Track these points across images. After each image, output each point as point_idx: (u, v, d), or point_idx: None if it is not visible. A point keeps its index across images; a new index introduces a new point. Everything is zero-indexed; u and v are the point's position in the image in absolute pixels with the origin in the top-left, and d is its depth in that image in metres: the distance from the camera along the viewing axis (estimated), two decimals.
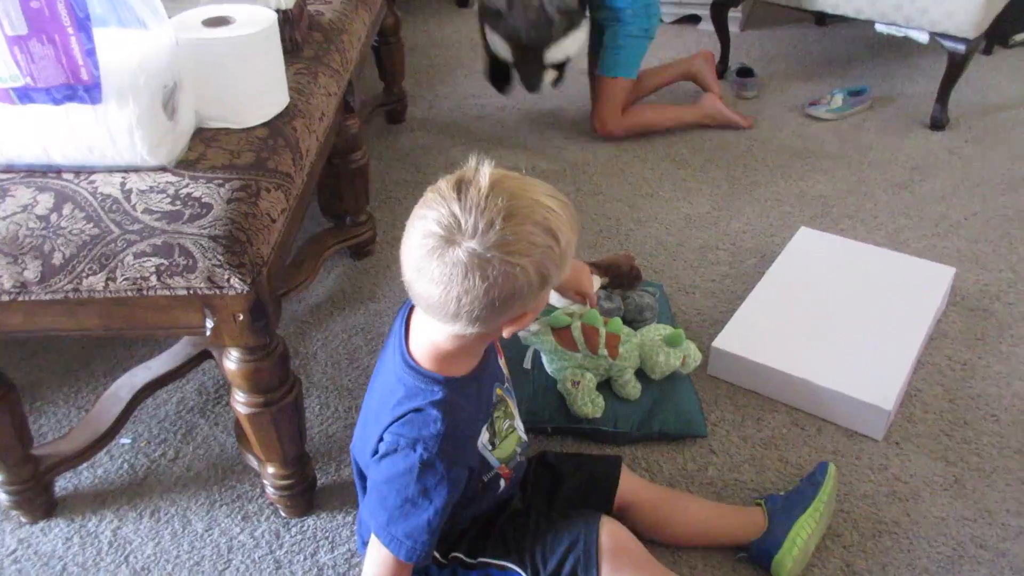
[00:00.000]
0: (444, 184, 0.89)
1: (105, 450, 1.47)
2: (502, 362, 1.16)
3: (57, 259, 1.03)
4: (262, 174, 1.13)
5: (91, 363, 1.67)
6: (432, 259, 0.85)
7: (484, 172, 0.87)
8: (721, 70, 2.80)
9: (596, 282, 1.58)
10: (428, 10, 3.47)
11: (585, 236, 2.03)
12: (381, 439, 0.99)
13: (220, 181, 1.09)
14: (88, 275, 1.03)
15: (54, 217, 1.04)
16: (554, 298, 1.57)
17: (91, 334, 1.14)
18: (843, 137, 2.46)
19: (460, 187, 0.86)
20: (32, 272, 1.03)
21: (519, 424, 1.15)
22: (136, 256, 1.02)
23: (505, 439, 1.10)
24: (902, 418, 1.50)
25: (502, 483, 1.11)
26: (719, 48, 2.82)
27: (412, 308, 1.04)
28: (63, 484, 1.43)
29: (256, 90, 1.21)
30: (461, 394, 1.00)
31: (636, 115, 2.45)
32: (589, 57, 2.44)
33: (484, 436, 1.05)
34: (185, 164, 1.11)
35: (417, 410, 0.97)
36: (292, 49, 1.45)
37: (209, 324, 1.10)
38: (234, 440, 1.48)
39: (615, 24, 2.31)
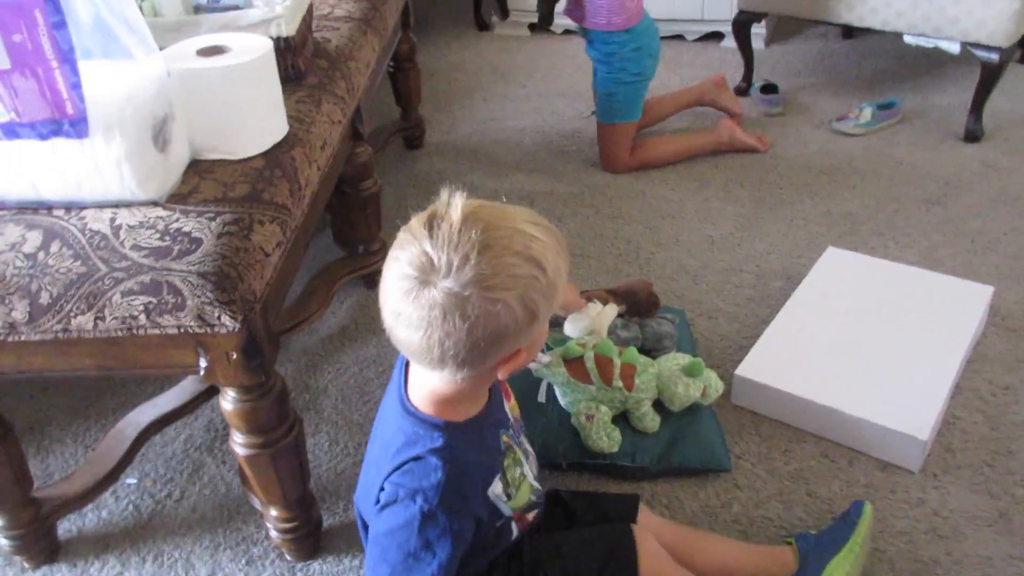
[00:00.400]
0: (415, 222, 0.84)
1: (111, 490, 1.44)
2: (509, 406, 1.10)
3: (44, 299, 0.99)
4: (256, 206, 1.09)
5: (101, 399, 1.65)
6: (408, 302, 0.80)
7: (456, 204, 0.82)
8: (745, 87, 2.74)
9: (612, 310, 1.52)
10: (447, 35, 3.46)
11: (604, 260, 1.97)
12: (382, 488, 0.94)
13: (212, 215, 1.05)
14: (76, 315, 1.00)
15: (41, 255, 1.01)
16: (567, 328, 1.52)
17: (85, 375, 1.10)
18: (872, 152, 2.37)
19: (431, 223, 0.82)
20: (20, 312, 1.00)
21: (530, 471, 1.08)
22: (124, 294, 0.99)
23: (519, 488, 1.04)
24: (940, 448, 1.41)
25: (515, 530, 1.05)
26: (743, 65, 2.75)
27: None
28: (67, 527, 1.39)
29: (252, 120, 1.18)
30: (464, 440, 0.94)
31: (646, 151, 2.36)
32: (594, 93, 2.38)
33: (497, 487, 0.99)
34: (177, 198, 1.08)
35: (416, 458, 0.91)
36: (294, 77, 1.42)
37: (203, 363, 1.06)
38: (240, 479, 1.44)
39: (607, 69, 2.25)
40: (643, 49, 2.22)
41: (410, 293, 0.80)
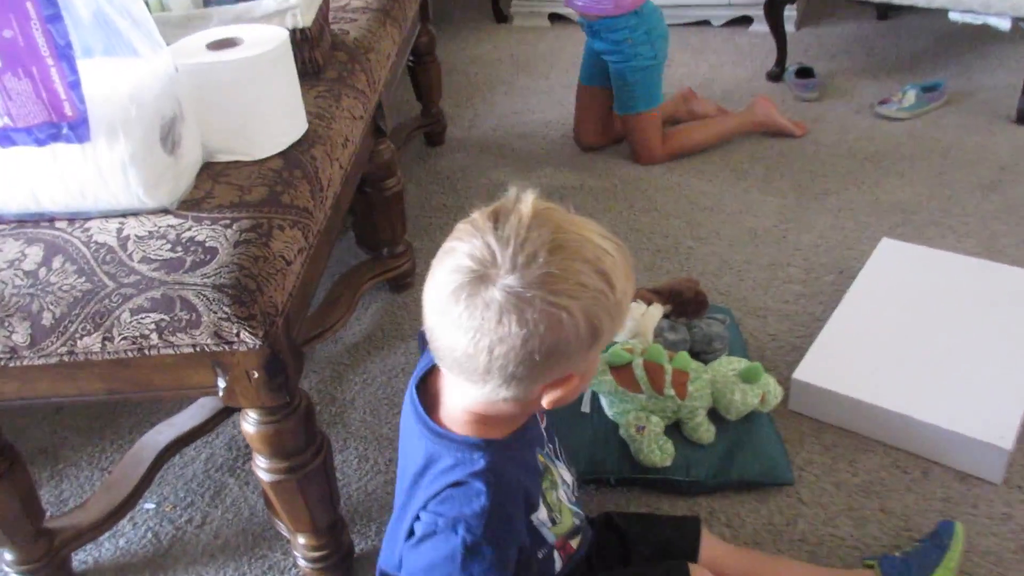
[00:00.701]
0: (478, 215, 0.74)
1: (128, 517, 1.35)
2: (543, 425, 1.01)
3: (47, 319, 0.90)
4: (275, 211, 1.00)
5: (116, 419, 1.57)
6: (460, 299, 0.71)
7: (527, 201, 0.72)
8: (778, 72, 2.62)
9: (657, 311, 1.42)
10: (466, 28, 3.36)
11: (641, 257, 1.87)
12: (417, 517, 0.84)
13: (227, 221, 0.96)
14: (82, 336, 0.91)
15: (43, 272, 0.92)
16: None
17: (95, 399, 1.01)
18: (919, 137, 2.25)
19: (498, 217, 0.72)
20: (21, 335, 0.91)
21: (564, 494, 0.98)
22: (133, 312, 0.90)
23: (562, 511, 0.95)
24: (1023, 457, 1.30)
25: (557, 560, 0.95)
26: (775, 49, 2.63)
27: (429, 373, 0.89)
28: (82, 557, 1.31)
29: (268, 117, 1.08)
30: (507, 459, 0.84)
31: (679, 138, 2.25)
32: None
33: (542, 512, 0.90)
34: (189, 204, 0.99)
35: (456, 484, 0.81)
36: (312, 71, 1.32)
37: (221, 384, 0.97)
38: (264, 501, 1.35)
39: (619, 59, 2.14)
40: (654, 30, 2.11)
41: (463, 289, 0.70)
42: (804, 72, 2.51)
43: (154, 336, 0.91)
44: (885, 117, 2.33)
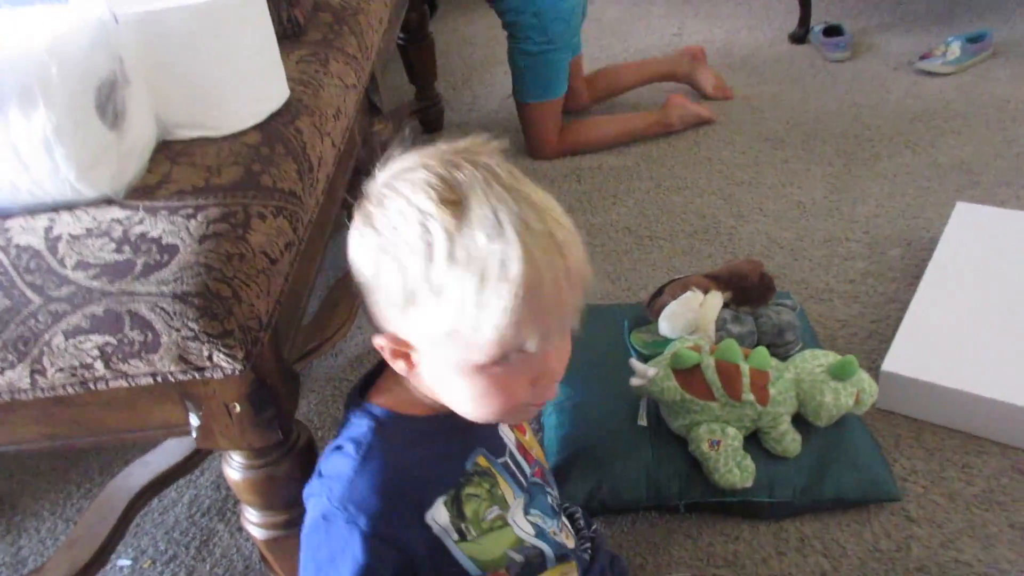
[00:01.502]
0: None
1: None
2: (510, 434, 0.83)
3: None
4: (254, 195, 0.77)
5: (84, 458, 1.34)
6: None
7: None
8: (803, 32, 2.40)
9: (717, 299, 1.19)
10: (455, 7, 3.13)
11: (676, 240, 1.64)
12: None
13: (190, 211, 0.73)
14: (3, 369, 0.68)
15: None
16: (662, 326, 1.19)
17: (35, 448, 0.79)
18: (969, 92, 2.03)
19: None
20: None
21: (525, 523, 0.78)
22: (68, 335, 0.67)
23: (487, 533, 0.74)
24: None
25: None
26: (797, 7, 2.41)
27: None
28: None
29: (239, 79, 0.85)
30: (403, 436, 0.72)
31: (576, 133, 2.01)
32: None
33: (441, 514, 0.71)
34: (140, 192, 0.76)
35: (337, 448, 0.72)
36: (291, 32, 1.10)
37: (194, 422, 0.75)
38: (260, 554, 1.12)
39: (512, 42, 1.93)
40: (545, 13, 1.86)
41: None
42: (832, 30, 2.30)
43: (99, 365, 0.68)
44: (928, 72, 2.12)
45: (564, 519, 0.87)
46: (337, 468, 0.70)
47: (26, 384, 0.69)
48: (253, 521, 0.85)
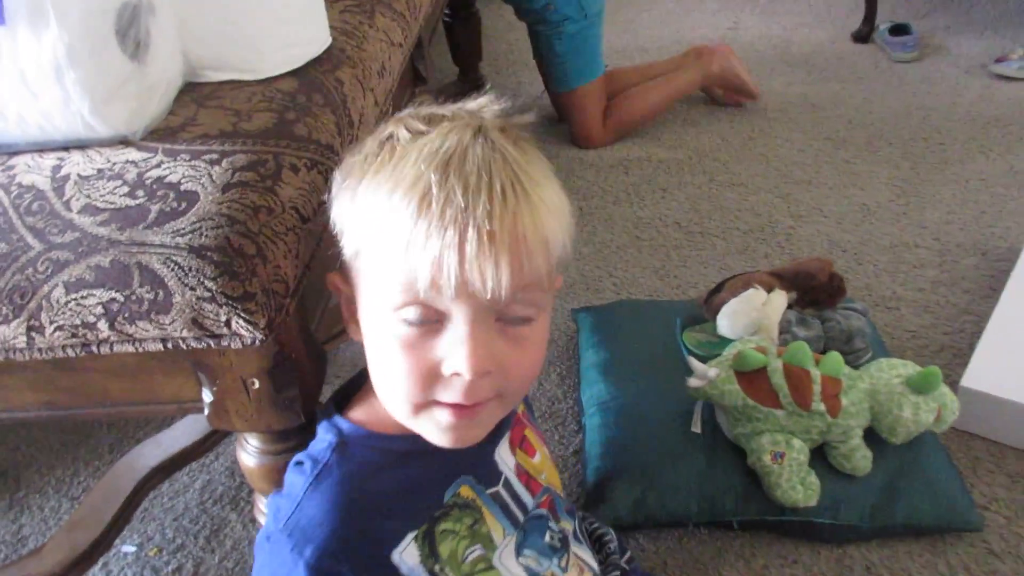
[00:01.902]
0: None
1: (100, 563, 1.04)
2: (510, 457, 0.70)
3: None
4: (286, 144, 0.69)
5: (93, 435, 1.26)
6: None
7: None
8: (867, 31, 2.28)
9: (781, 299, 1.09)
10: None
11: (730, 239, 1.54)
12: None
13: (214, 156, 0.65)
14: None
15: None
16: (722, 325, 1.09)
17: (29, 417, 0.71)
18: None
19: None
20: None
21: (516, 566, 0.68)
22: (70, 287, 0.59)
23: (460, 572, 0.64)
24: None
25: None
26: (862, 5, 2.29)
27: None
28: None
29: (276, 20, 0.77)
30: (371, 455, 0.63)
31: (621, 111, 1.90)
32: (538, 68, 1.95)
33: (411, 552, 0.61)
34: (161, 134, 0.68)
35: (298, 463, 0.63)
36: None
37: (207, 397, 0.66)
38: None
39: (546, 29, 1.82)
40: None
41: None
42: (899, 29, 2.18)
43: (102, 325, 0.60)
44: (1004, 77, 1.99)
45: (578, 550, 0.75)
46: (291, 486, 0.62)
47: (22, 342, 0.61)
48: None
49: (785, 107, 1.99)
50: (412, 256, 0.52)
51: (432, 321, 0.55)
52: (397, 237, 0.52)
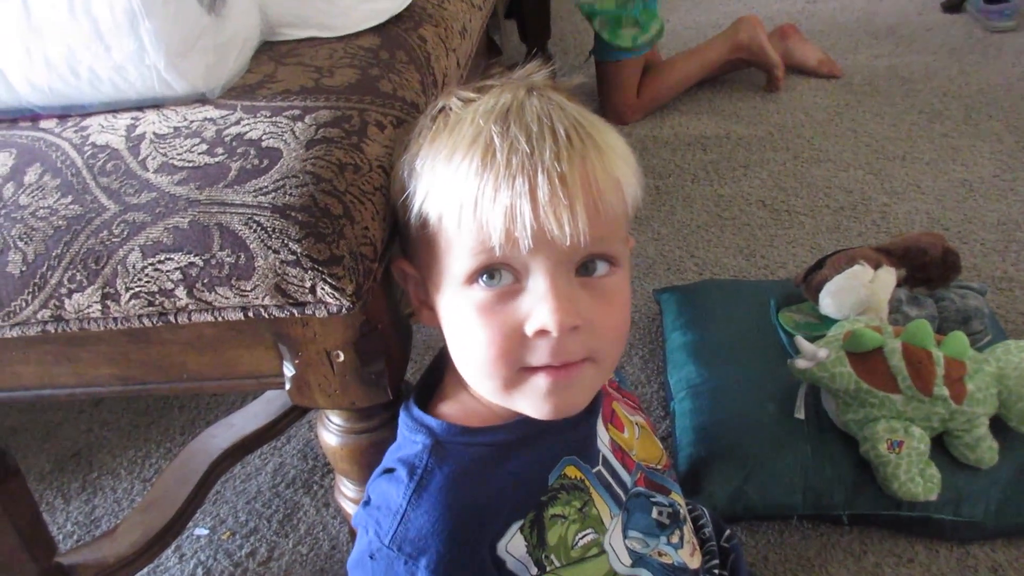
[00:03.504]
0: None
1: (173, 546, 1.02)
2: (604, 433, 0.65)
3: (15, 265, 0.56)
4: (371, 100, 0.64)
5: (168, 413, 1.24)
6: None
7: None
8: (957, 0, 2.15)
9: (890, 276, 1.01)
10: None
11: (820, 217, 1.45)
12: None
13: (296, 112, 0.60)
14: (72, 290, 0.56)
15: (9, 189, 0.58)
16: (824, 304, 1.01)
17: (105, 392, 0.68)
18: None
19: None
20: None
21: (623, 549, 0.62)
22: (147, 251, 0.55)
23: (574, 564, 0.59)
24: None
25: None
26: None
27: None
28: None
29: None
30: (466, 452, 0.58)
31: (654, 84, 1.84)
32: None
33: (517, 544, 0.57)
34: (239, 91, 0.64)
35: (387, 471, 0.59)
36: None
37: (288, 371, 0.62)
38: (349, 532, 1.00)
39: None
40: None
41: None
42: None
43: (180, 292, 0.56)
44: None
45: (688, 528, 0.70)
46: (386, 497, 0.57)
47: (97, 311, 0.57)
48: (349, 496, 0.72)
49: (872, 80, 1.89)
50: (483, 212, 0.50)
51: (510, 282, 0.52)
52: (465, 197, 0.50)
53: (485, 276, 0.52)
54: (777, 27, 1.98)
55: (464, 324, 0.54)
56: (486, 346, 0.52)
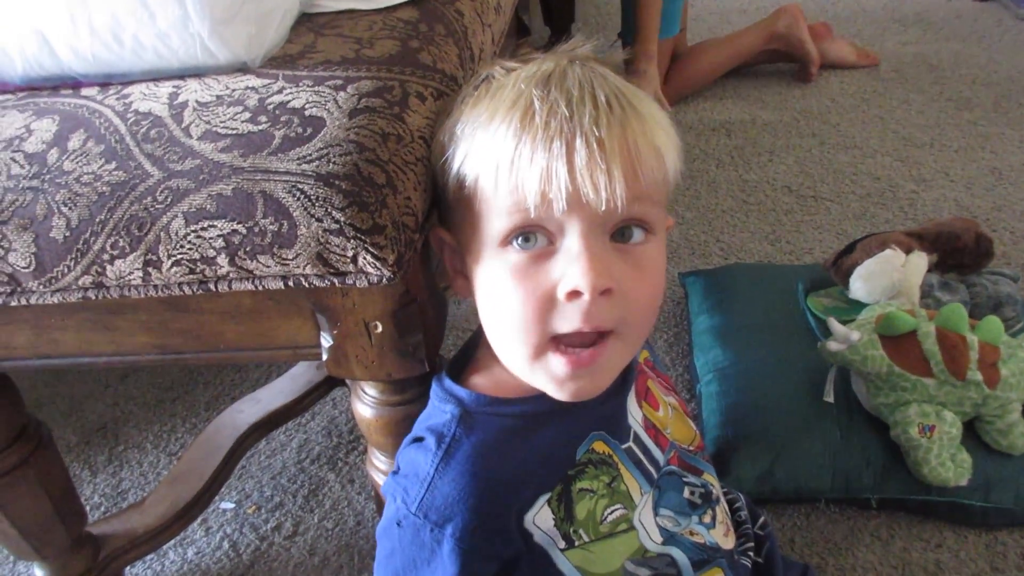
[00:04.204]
0: None
1: (200, 519, 1.03)
2: (637, 410, 0.65)
3: (58, 230, 0.57)
4: (412, 72, 0.64)
5: (193, 389, 1.25)
6: None
7: None
8: None
9: (921, 261, 1.00)
10: None
11: (847, 203, 1.44)
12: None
13: (339, 82, 0.60)
14: (114, 257, 0.57)
15: (53, 155, 0.59)
16: (855, 288, 1.01)
17: (142, 360, 0.68)
18: None
19: None
20: (22, 256, 0.57)
21: (653, 526, 0.62)
22: (190, 219, 0.55)
23: (604, 539, 0.59)
24: None
25: None
26: None
27: None
28: (139, 571, 1.00)
29: None
30: (495, 422, 0.58)
31: (684, 72, 1.82)
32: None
33: (544, 517, 0.57)
34: (280, 60, 0.64)
35: (416, 440, 0.60)
36: None
37: (325, 342, 0.62)
38: (375, 507, 1.01)
39: None
40: None
41: None
42: None
43: (222, 260, 0.56)
44: None
45: (722, 509, 0.70)
46: (414, 465, 0.58)
47: (138, 278, 0.58)
48: (381, 468, 0.72)
49: (900, 67, 1.87)
50: (519, 172, 0.50)
51: (544, 244, 0.52)
52: (501, 157, 0.51)
53: (520, 239, 0.52)
54: (809, 26, 1.96)
55: (498, 287, 0.54)
56: (520, 306, 0.52)
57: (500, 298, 0.54)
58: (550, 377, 0.54)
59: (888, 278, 0.96)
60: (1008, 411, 0.86)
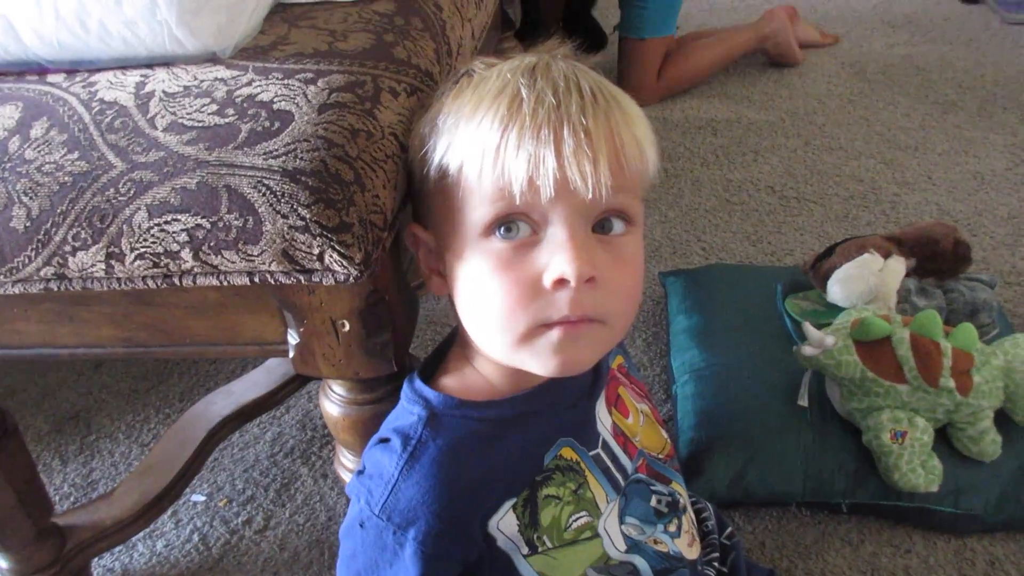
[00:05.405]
0: None
1: (170, 511, 1.02)
2: (607, 417, 0.64)
3: (19, 220, 0.56)
4: (385, 67, 0.63)
5: (167, 379, 1.24)
6: None
7: None
8: None
9: (900, 266, 1.00)
10: None
11: (829, 205, 1.44)
12: None
13: (309, 75, 0.59)
14: (76, 248, 0.56)
15: (14, 143, 0.57)
16: (833, 292, 1.01)
17: (108, 354, 0.67)
18: None
19: None
20: None
21: (618, 534, 0.62)
22: (153, 211, 0.54)
23: (567, 546, 0.59)
24: None
25: None
26: None
27: None
28: (107, 563, 0.99)
29: None
30: (462, 426, 0.58)
31: (677, 68, 1.83)
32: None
33: (508, 522, 0.57)
34: (251, 52, 0.62)
35: (382, 440, 0.59)
36: None
37: (292, 339, 0.61)
38: (347, 503, 1.00)
39: None
40: None
41: None
42: None
43: (186, 254, 0.55)
44: None
45: (688, 518, 0.69)
46: (379, 466, 0.57)
47: (100, 271, 0.57)
48: (349, 467, 0.71)
49: (887, 69, 1.87)
50: (505, 160, 0.50)
51: (528, 234, 0.52)
52: (488, 145, 0.51)
53: (502, 229, 0.52)
54: (775, 10, 1.97)
55: (480, 278, 0.53)
56: (503, 296, 0.52)
57: (482, 289, 0.53)
58: (541, 351, 0.53)
59: (865, 283, 0.96)
60: (980, 418, 0.86)
